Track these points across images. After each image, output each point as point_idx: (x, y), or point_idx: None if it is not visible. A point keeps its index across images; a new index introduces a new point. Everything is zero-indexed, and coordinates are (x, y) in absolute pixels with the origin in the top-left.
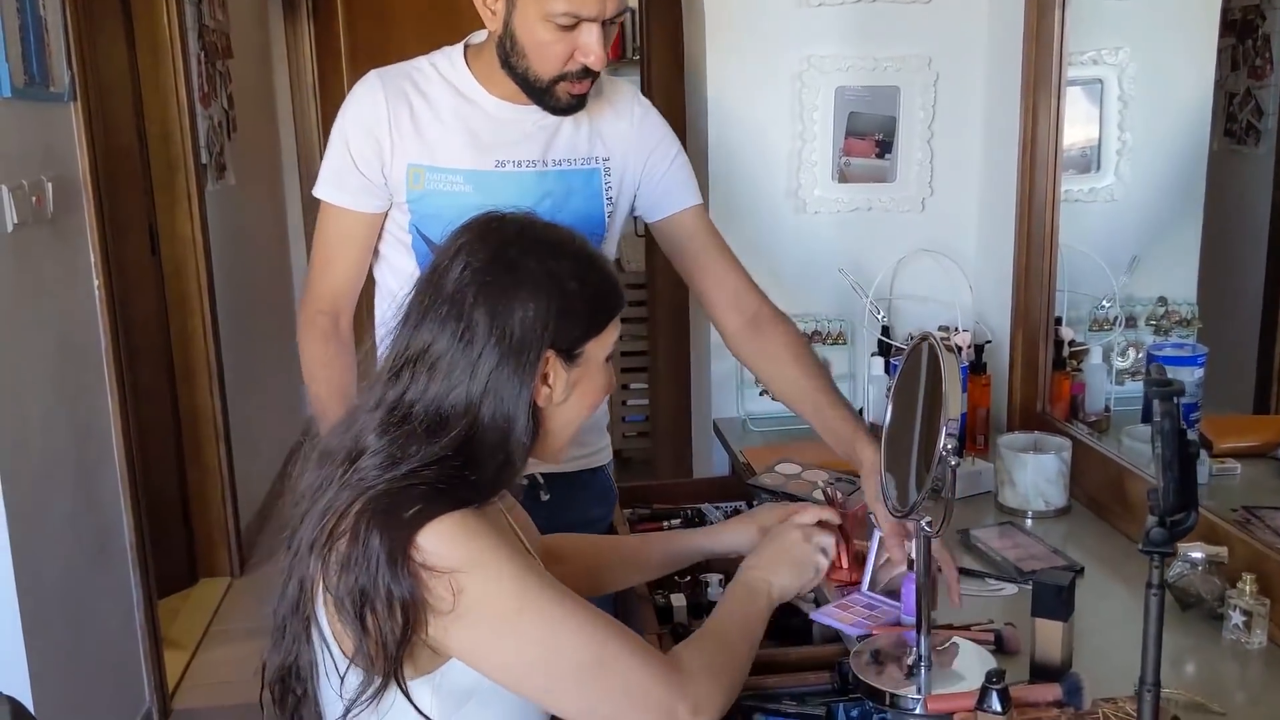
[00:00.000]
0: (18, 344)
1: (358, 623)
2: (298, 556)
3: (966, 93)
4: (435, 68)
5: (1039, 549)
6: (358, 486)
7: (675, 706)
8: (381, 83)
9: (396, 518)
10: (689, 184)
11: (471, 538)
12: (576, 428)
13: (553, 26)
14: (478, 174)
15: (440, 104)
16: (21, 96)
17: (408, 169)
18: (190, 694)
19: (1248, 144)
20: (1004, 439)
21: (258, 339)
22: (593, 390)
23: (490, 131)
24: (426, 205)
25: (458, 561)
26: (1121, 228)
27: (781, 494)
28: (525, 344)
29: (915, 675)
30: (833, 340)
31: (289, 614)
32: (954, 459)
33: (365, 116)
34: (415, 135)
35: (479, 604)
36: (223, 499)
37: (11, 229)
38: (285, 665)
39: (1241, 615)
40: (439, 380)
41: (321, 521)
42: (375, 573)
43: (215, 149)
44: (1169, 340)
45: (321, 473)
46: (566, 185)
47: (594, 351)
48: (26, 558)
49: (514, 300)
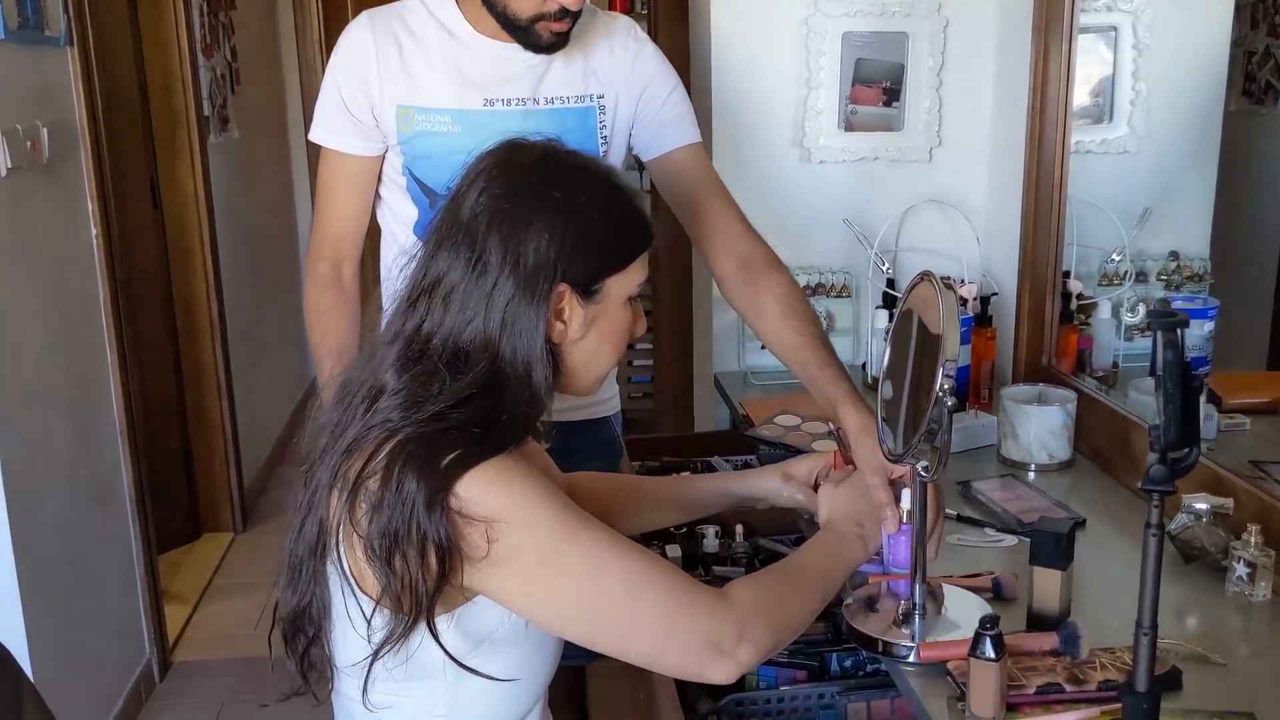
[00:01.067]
0: (11, 289)
1: (386, 565)
2: (317, 495)
3: (977, 40)
4: (425, 5)
5: (1041, 501)
6: (384, 427)
7: (719, 637)
8: (370, 23)
9: (434, 464)
10: (685, 121)
11: (510, 483)
12: (602, 367)
13: None
14: (466, 113)
15: (429, 42)
16: (15, 39)
17: (397, 110)
18: (191, 647)
19: (1266, 103)
20: (1007, 390)
21: (261, 294)
22: (613, 331)
23: (478, 70)
24: (417, 146)
25: (495, 510)
26: (1133, 180)
27: (780, 445)
28: (538, 275)
29: (909, 623)
30: (837, 293)
31: (306, 554)
32: (950, 399)
33: (354, 58)
34: (403, 75)
35: (517, 550)
36: (225, 455)
37: (5, 173)
38: (300, 606)
39: (1245, 567)
40: (454, 312)
41: (346, 461)
42: (409, 517)
43: (218, 101)
44: (1179, 294)
45: (341, 409)
46: (561, 123)
47: (615, 288)
48: (22, 503)
49: (528, 229)
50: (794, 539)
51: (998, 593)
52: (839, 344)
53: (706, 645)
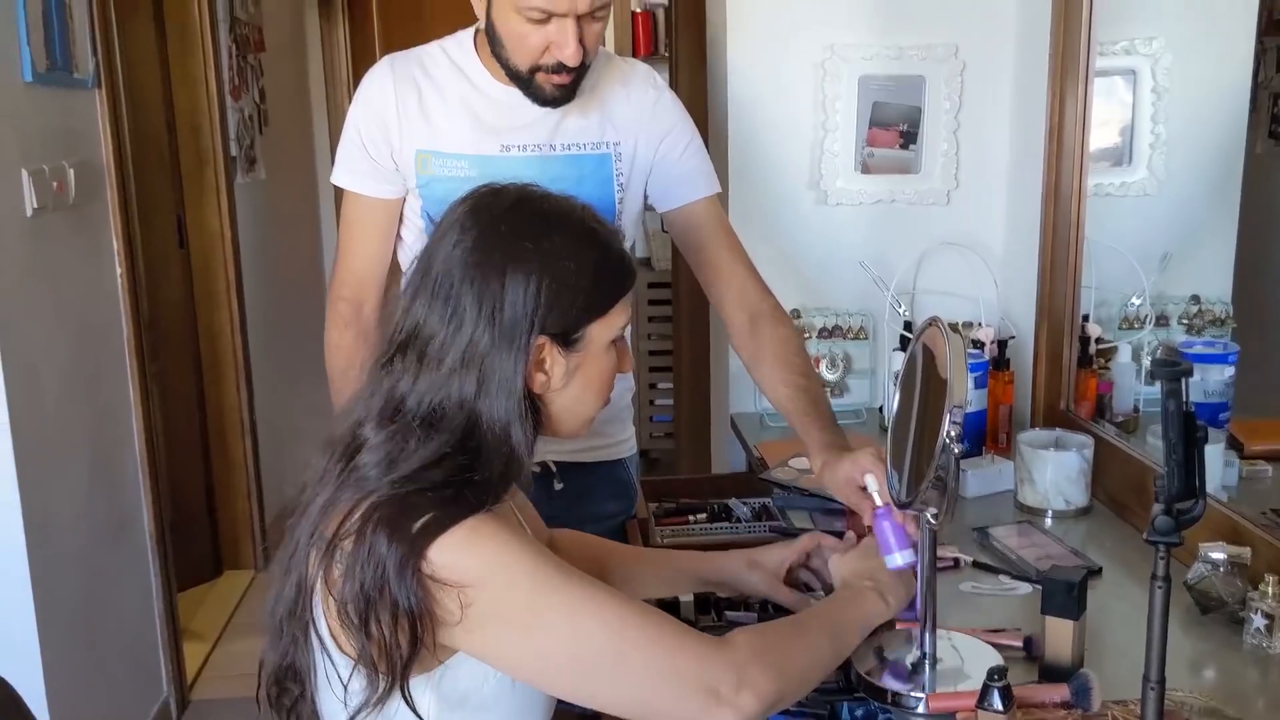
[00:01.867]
0: (34, 325)
1: (361, 629)
2: (296, 553)
3: (994, 83)
4: (445, 52)
5: (1057, 549)
6: (359, 487)
7: (717, 682)
8: (391, 69)
9: (406, 528)
10: (703, 173)
11: (483, 544)
12: (588, 411)
13: (524, 20)
14: (482, 159)
15: (447, 89)
16: (43, 81)
17: (416, 154)
18: (209, 685)
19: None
20: (1024, 435)
21: (286, 334)
22: (597, 376)
23: (495, 116)
24: (434, 190)
25: (469, 574)
26: (1153, 223)
27: (794, 488)
28: (515, 329)
29: (919, 673)
30: (854, 335)
31: (285, 614)
32: (957, 446)
33: (374, 103)
34: (422, 120)
35: (496, 610)
36: (248, 493)
37: (31, 213)
38: (282, 665)
39: (1263, 618)
40: (431, 367)
41: (323, 519)
42: (381, 581)
43: (245, 142)
44: (1200, 339)
45: (324, 463)
46: (577, 170)
47: (597, 335)
48: (40, 536)
49: (503, 279)
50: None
51: (1029, 651)
52: (856, 386)
53: (704, 691)
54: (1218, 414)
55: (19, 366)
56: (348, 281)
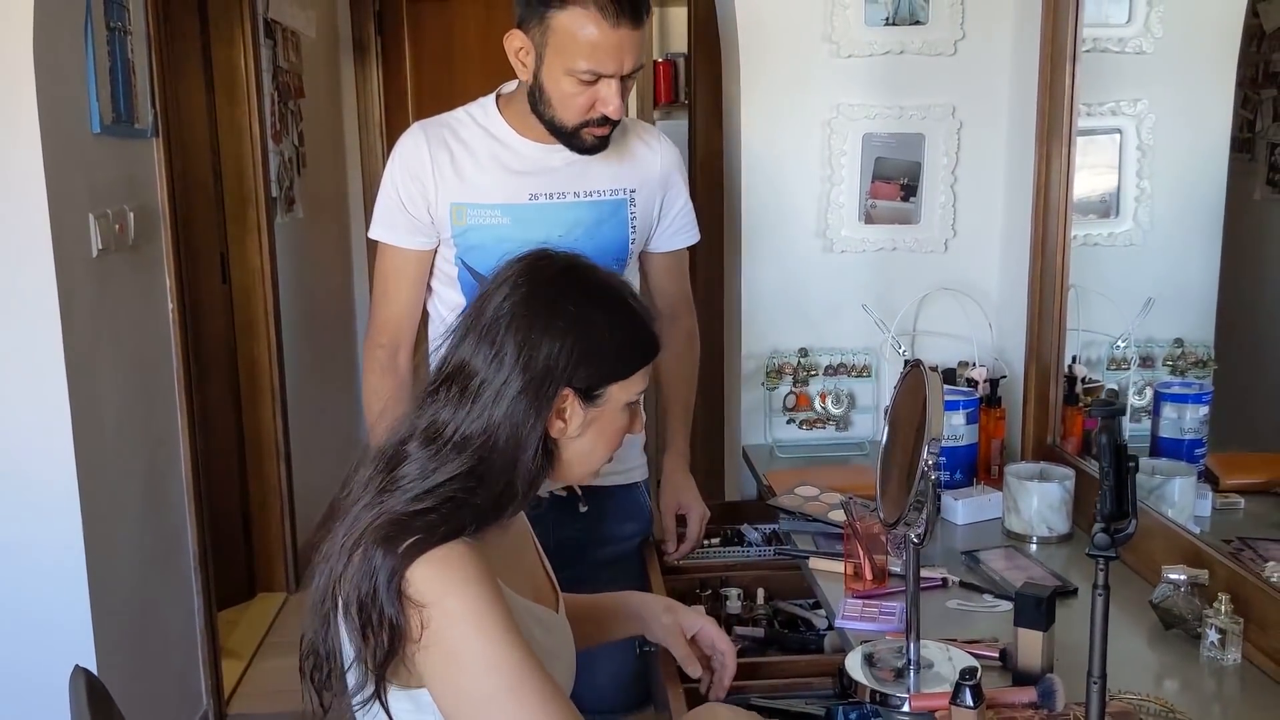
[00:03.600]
0: (97, 360)
1: (359, 632)
2: (330, 550)
3: (988, 140)
4: (471, 116)
5: (1038, 571)
6: (380, 503)
7: None
8: (424, 133)
9: (395, 545)
10: (693, 224)
11: (447, 574)
12: (596, 462)
13: (575, 81)
14: (513, 207)
15: (477, 148)
16: (109, 132)
17: (451, 207)
18: (245, 700)
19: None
20: (1011, 468)
21: (320, 364)
22: (611, 431)
23: (523, 168)
24: (470, 238)
25: (429, 596)
26: (1139, 271)
27: (799, 514)
28: (546, 378)
29: (905, 677)
30: (858, 373)
31: (318, 601)
32: (934, 474)
33: (410, 163)
34: (456, 177)
35: (435, 641)
36: (281, 517)
37: (96, 254)
38: (314, 645)
39: (1217, 633)
40: (469, 399)
41: (352, 527)
42: (375, 591)
43: (285, 184)
44: (1179, 380)
45: (368, 472)
46: (597, 213)
47: (617, 395)
48: (98, 558)
49: (543, 336)
50: (811, 603)
51: (1005, 661)
52: (859, 420)
53: None
54: (1193, 450)
55: (84, 401)
56: (385, 329)
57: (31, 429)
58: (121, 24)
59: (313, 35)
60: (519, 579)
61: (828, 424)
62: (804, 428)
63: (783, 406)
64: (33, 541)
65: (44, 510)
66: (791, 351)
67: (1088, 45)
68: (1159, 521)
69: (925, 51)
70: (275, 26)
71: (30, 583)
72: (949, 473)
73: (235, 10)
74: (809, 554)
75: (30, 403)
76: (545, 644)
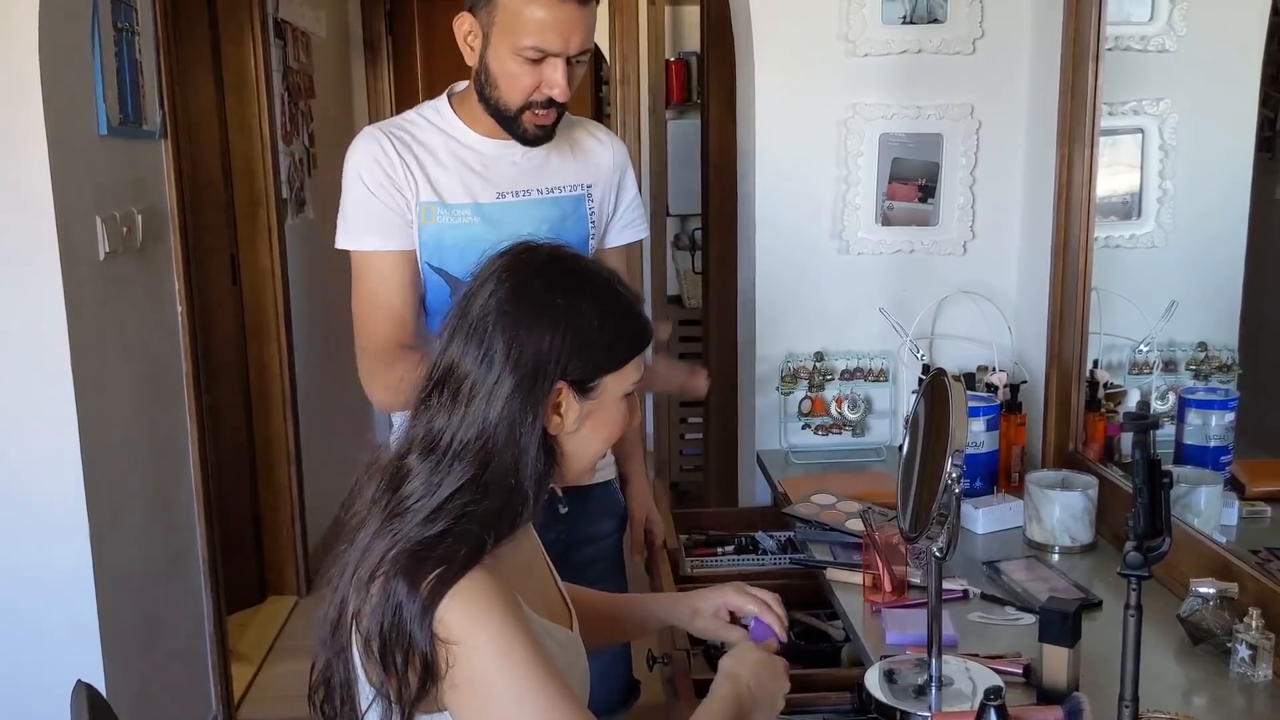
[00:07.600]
0: (105, 362)
1: (381, 663)
2: (342, 579)
3: (1008, 141)
4: (424, 117)
5: (1061, 582)
6: (391, 529)
7: None
8: (383, 133)
9: (417, 580)
10: (643, 219)
11: (476, 609)
12: (593, 456)
13: (521, 60)
14: (482, 206)
15: (436, 148)
16: (116, 134)
17: (421, 207)
18: (255, 705)
19: None
20: (1032, 476)
21: (330, 365)
22: (607, 423)
23: (484, 166)
24: (442, 239)
25: (458, 634)
26: (1162, 273)
27: (815, 523)
28: (538, 373)
29: (926, 695)
30: (875, 377)
31: (329, 633)
32: (957, 487)
33: (377, 158)
34: (422, 176)
35: (464, 678)
36: (292, 520)
37: (104, 257)
38: (324, 674)
39: (1247, 649)
40: (463, 403)
41: (362, 559)
42: (400, 625)
43: (295, 185)
44: (1203, 385)
45: (371, 492)
46: (560, 210)
47: (611, 386)
48: (106, 561)
49: (532, 330)
50: (826, 614)
51: (1029, 677)
52: (876, 425)
53: None
54: (1219, 457)
55: (91, 406)
56: (381, 347)
57: (38, 434)
58: (129, 24)
59: (323, 35)
60: (534, 595)
61: (844, 429)
62: (819, 433)
63: (798, 411)
64: (40, 545)
65: (51, 515)
66: (807, 355)
67: (1109, 43)
68: (1186, 532)
69: (943, 50)
70: (285, 26)
71: (37, 587)
72: (969, 480)
73: (244, 10)
74: (826, 564)
75: (37, 408)
76: (563, 663)
